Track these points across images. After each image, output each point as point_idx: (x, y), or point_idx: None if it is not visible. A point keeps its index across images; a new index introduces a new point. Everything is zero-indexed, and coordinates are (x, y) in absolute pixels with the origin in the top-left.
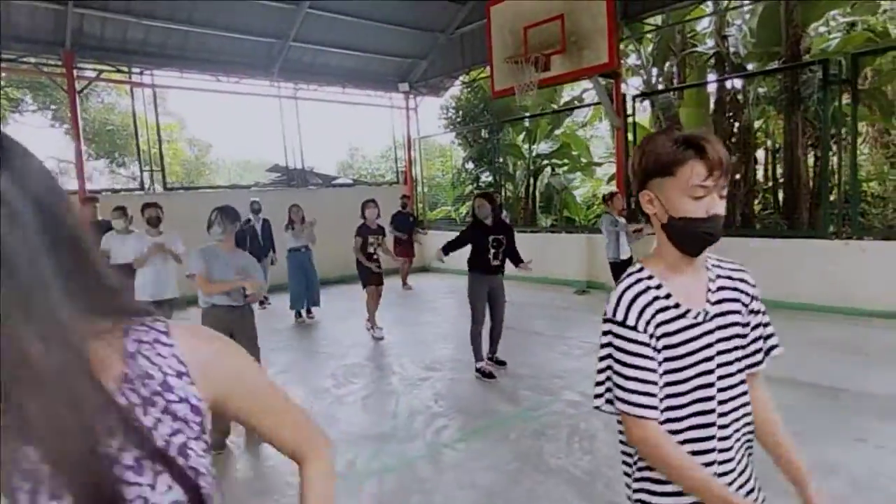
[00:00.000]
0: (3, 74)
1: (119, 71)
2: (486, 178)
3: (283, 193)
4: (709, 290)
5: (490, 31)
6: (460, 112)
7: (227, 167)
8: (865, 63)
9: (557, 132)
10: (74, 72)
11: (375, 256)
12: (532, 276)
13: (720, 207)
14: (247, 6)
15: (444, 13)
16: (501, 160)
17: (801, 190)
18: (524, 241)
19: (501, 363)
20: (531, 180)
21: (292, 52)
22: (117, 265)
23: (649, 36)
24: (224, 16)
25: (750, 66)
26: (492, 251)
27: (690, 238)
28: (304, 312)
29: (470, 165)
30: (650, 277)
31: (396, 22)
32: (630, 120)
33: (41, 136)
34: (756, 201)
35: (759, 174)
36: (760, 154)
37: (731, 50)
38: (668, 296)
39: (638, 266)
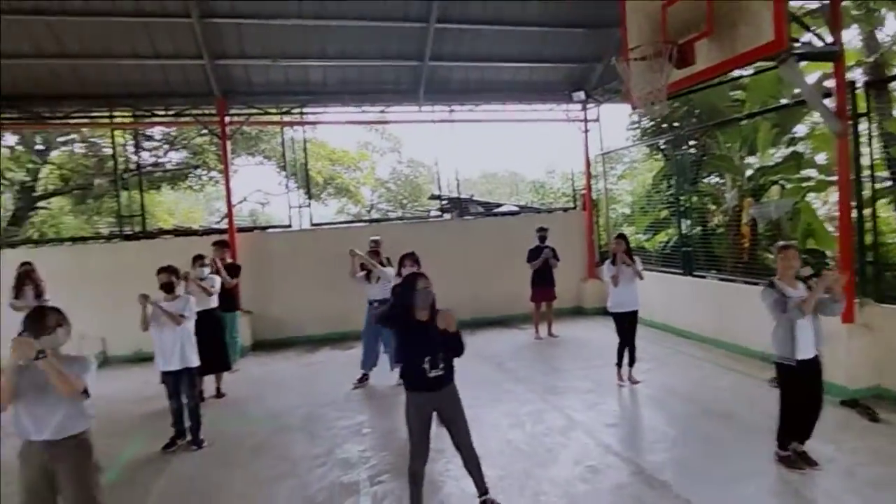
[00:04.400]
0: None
1: (267, 113)
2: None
3: (432, 226)
4: None
5: (625, 17)
6: (656, 119)
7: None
8: None
9: (798, 135)
10: (226, 118)
11: None
12: (719, 341)
13: None
14: (373, 31)
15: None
16: (705, 176)
17: None
18: (719, 294)
19: None
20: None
21: (439, 73)
22: None
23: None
24: (354, 45)
25: None
26: (427, 358)
27: None
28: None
29: (665, 185)
30: None
31: (559, 23)
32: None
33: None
34: None
35: None
36: None
37: None
38: None
39: None
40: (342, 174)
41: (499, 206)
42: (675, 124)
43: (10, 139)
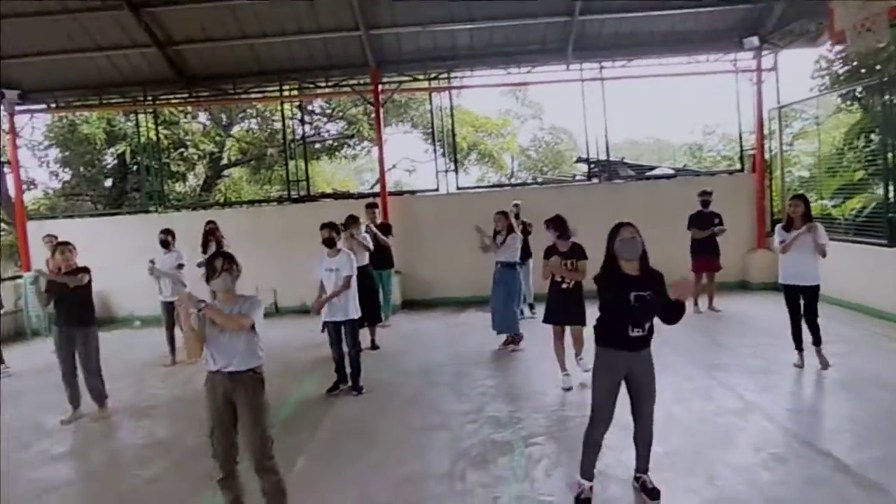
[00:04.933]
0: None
1: (416, 79)
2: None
3: (578, 190)
4: None
5: None
6: (853, 62)
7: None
8: None
9: None
10: (379, 86)
11: (566, 286)
12: None
13: None
14: None
15: None
16: None
17: None
18: None
19: (653, 494)
20: None
21: (589, 27)
22: None
23: None
24: (501, 5)
25: None
26: (630, 316)
27: None
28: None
29: (863, 141)
30: None
31: None
32: None
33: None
34: None
35: None
36: None
37: None
38: None
39: None
40: (485, 140)
41: (652, 168)
42: (878, 67)
43: (202, 116)
